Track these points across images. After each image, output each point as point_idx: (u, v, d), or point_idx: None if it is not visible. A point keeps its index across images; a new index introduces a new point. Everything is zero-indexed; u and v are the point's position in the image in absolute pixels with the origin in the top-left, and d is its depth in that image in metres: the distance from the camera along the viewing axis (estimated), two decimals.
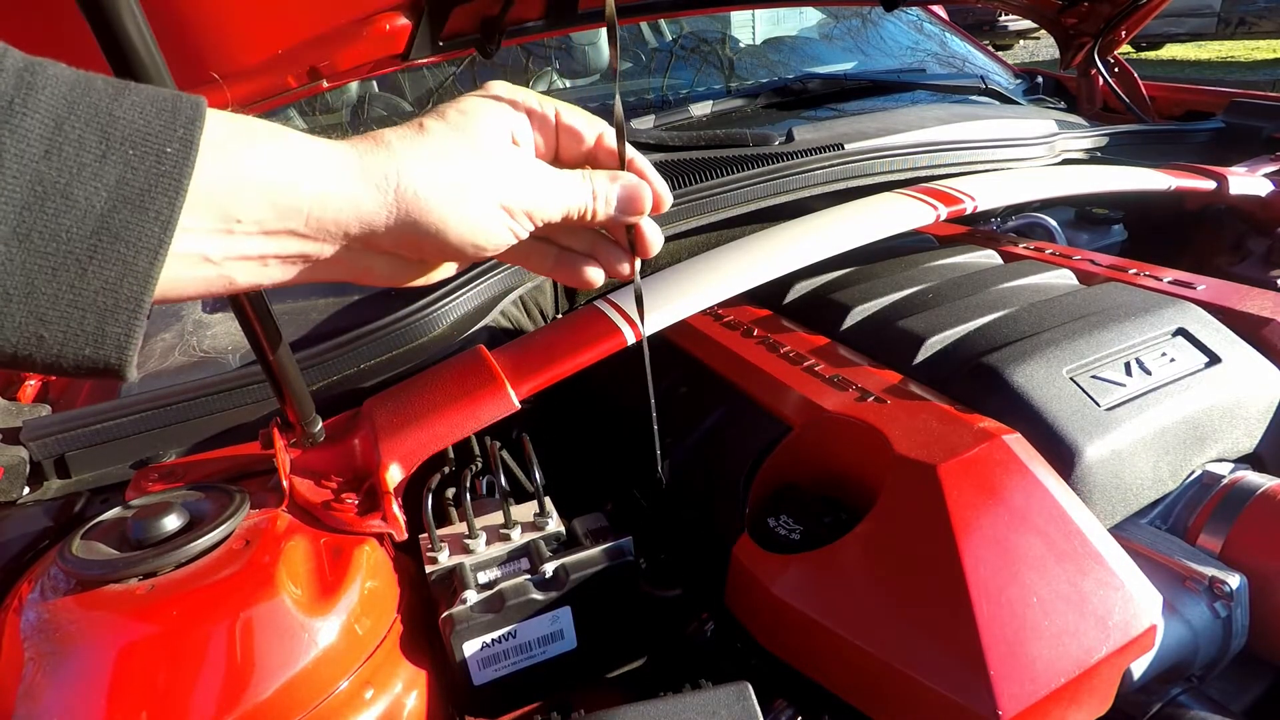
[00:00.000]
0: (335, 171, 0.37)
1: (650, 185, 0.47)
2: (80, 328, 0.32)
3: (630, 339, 0.71)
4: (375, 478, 0.61)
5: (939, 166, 1.08)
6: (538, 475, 0.64)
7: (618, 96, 0.47)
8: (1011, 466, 0.55)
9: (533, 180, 0.42)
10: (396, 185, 0.38)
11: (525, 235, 0.43)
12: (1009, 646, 0.47)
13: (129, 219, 0.31)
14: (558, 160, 0.47)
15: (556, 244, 0.49)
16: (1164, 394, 0.64)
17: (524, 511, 0.63)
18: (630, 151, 0.47)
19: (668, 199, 0.48)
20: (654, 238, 0.49)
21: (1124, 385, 0.65)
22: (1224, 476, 0.63)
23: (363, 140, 0.39)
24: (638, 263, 0.50)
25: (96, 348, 0.32)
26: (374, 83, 1.59)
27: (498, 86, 0.45)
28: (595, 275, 0.50)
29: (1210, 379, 0.66)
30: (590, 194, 0.45)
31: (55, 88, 0.31)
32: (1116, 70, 1.61)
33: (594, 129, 0.46)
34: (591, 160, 0.47)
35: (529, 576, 0.56)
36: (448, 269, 0.45)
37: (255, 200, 0.35)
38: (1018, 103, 1.57)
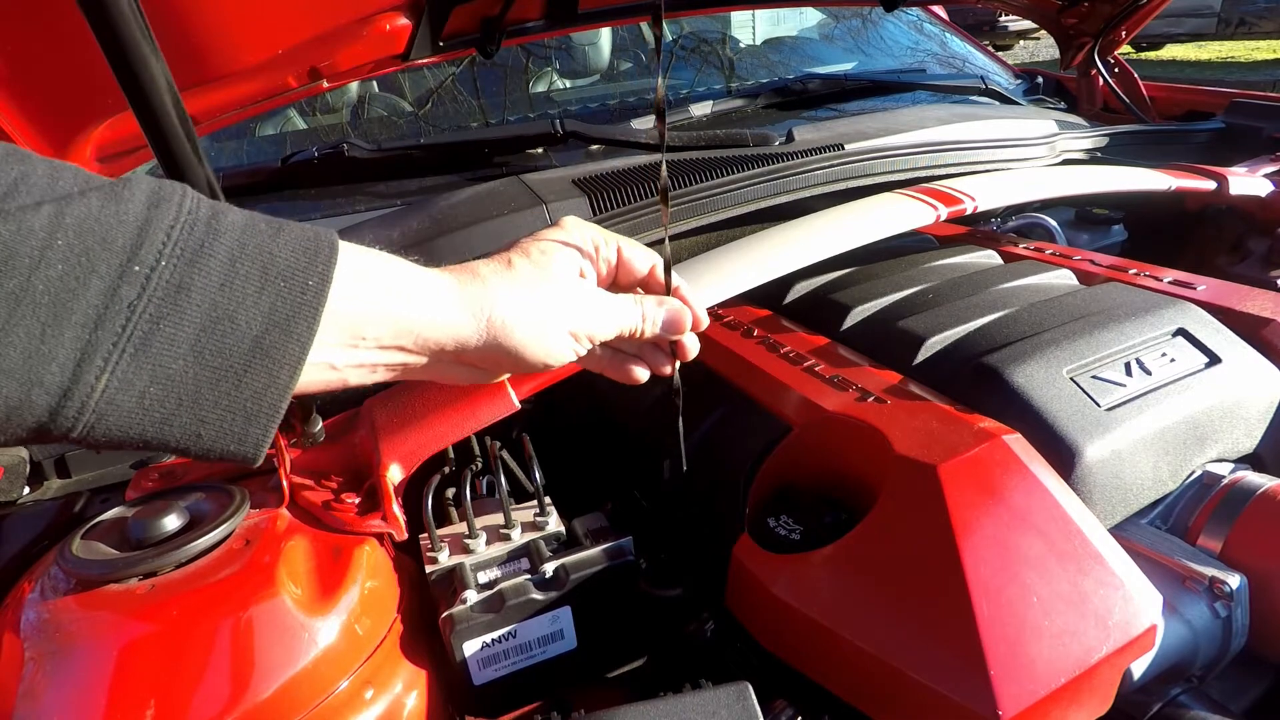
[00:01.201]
0: (441, 301, 0.45)
1: (690, 310, 0.55)
2: (230, 428, 0.38)
3: None
4: (375, 478, 0.61)
5: (939, 167, 1.08)
6: (538, 475, 0.64)
7: (667, 244, 0.55)
8: (1011, 466, 0.55)
9: (595, 310, 0.50)
10: (489, 316, 0.46)
11: (585, 353, 0.51)
12: (1009, 646, 0.47)
13: (277, 339, 0.38)
14: (615, 285, 0.55)
15: (610, 347, 0.56)
16: (1164, 394, 0.64)
17: (524, 512, 0.63)
18: (676, 279, 0.55)
19: (705, 321, 0.56)
20: (692, 347, 0.57)
21: (1124, 385, 0.65)
22: (1224, 476, 0.63)
23: (461, 271, 0.47)
24: (678, 365, 0.58)
25: (239, 444, 0.39)
26: (374, 83, 1.59)
27: (571, 225, 0.52)
28: (641, 374, 0.57)
29: (1210, 379, 0.66)
30: (640, 317, 0.53)
31: (232, 233, 0.38)
32: (1116, 70, 1.61)
33: (647, 261, 0.55)
34: (645, 286, 0.56)
35: (529, 576, 0.56)
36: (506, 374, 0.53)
37: (376, 322, 0.42)
38: (1018, 103, 1.57)
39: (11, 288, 0.32)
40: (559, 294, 0.49)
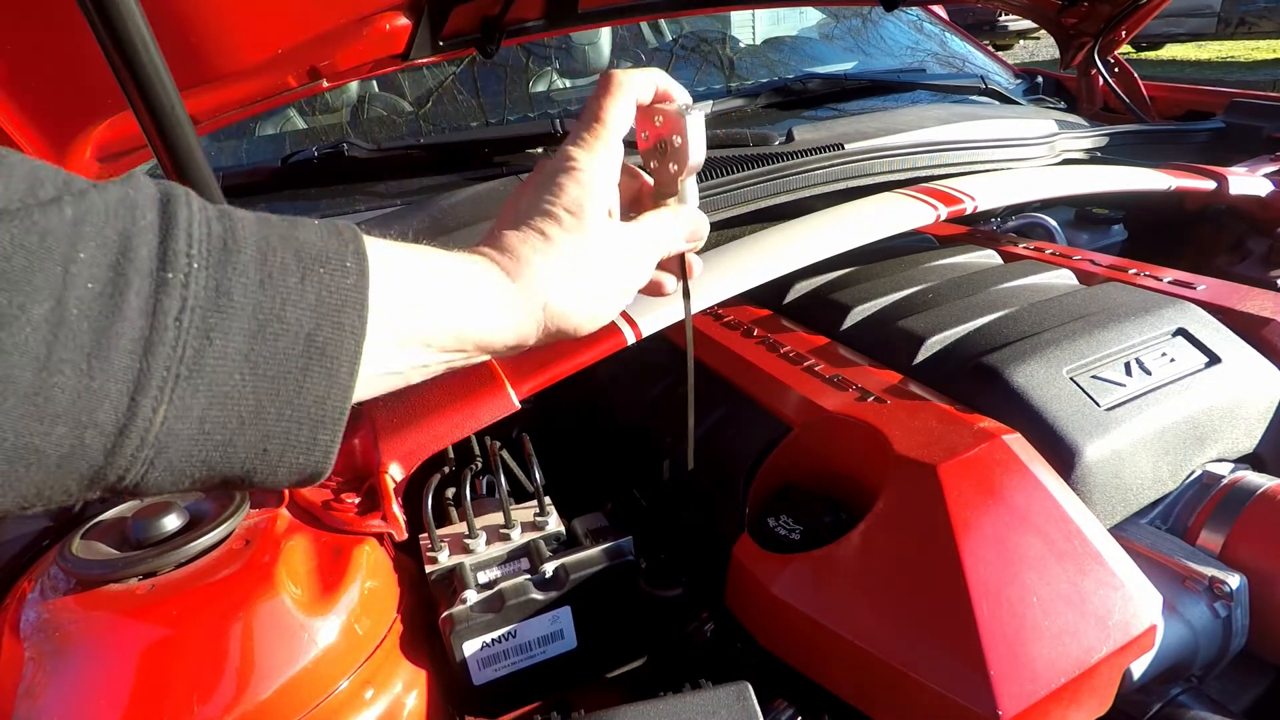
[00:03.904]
0: (495, 302, 0.42)
1: (703, 217, 0.53)
2: (297, 439, 0.35)
3: (630, 338, 0.71)
4: (375, 478, 0.61)
5: (939, 166, 1.08)
6: (538, 475, 0.64)
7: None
8: (1011, 466, 0.55)
9: (634, 263, 0.48)
10: (544, 306, 0.44)
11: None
12: (1009, 646, 0.47)
13: (330, 335, 0.34)
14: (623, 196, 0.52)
15: None
16: (1164, 394, 0.64)
17: (524, 511, 0.63)
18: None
19: (705, 229, 0.55)
20: (698, 264, 0.57)
21: (1124, 385, 0.65)
22: (1224, 476, 0.63)
23: (500, 253, 0.44)
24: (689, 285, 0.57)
25: (309, 455, 0.35)
26: (374, 82, 1.59)
27: (579, 157, 0.47)
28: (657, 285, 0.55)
29: (1210, 379, 0.66)
30: (670, 239, 0.51)
31: (249, 226, 0.34)
32: (1116, 70, 1.61)
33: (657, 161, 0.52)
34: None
35: (529, 576, 0.56)
36: None
37: (429, 324, 0.39)
38: (1018, 103, 1.57)
39: (44, 312, 0.28)
40: (605, 263, 0.46)
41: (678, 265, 0.54)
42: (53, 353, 0.28)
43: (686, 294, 0.56)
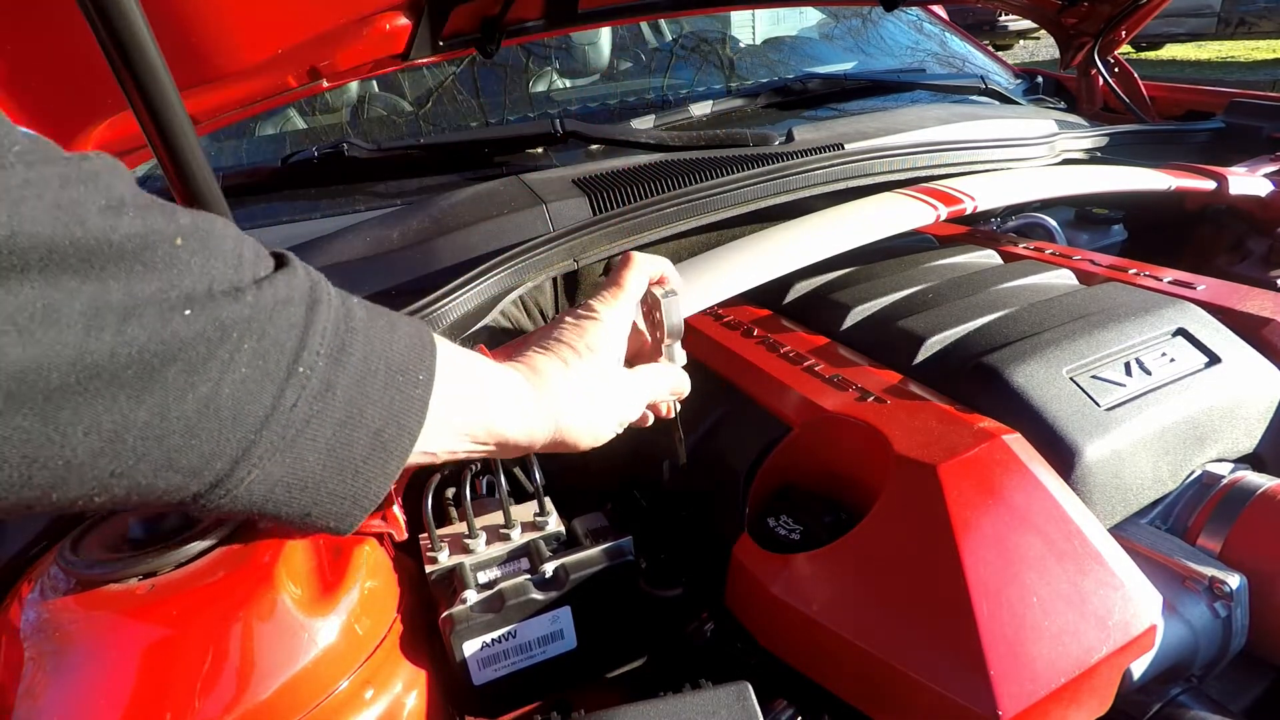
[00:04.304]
0: (520, 407, 0.49)
1: (685, 376, 0.62)
2: (336, 510, 0.40)
3: None
4: None
5: (939, 166, 1.08)
6: (538, 475, 0.64)
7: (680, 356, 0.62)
8: (1011, 466, 0.55)
9: (631, 400, 0.57)
10: (557, 420, 0.51)
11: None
12: (1009, 646, 0.47)
13: (394, 434, 0.40)
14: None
15: None
16: (1164, 394, 0.64)
17: (524, 511, 0.63)
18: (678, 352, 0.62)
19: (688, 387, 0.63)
20: (675, 407, 0.64)
21: (1124, 385, 0.65)
22: (1224, 476, 0.63)
23: (530, 372, 0.51)
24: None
25: (338, 524, 0.41)
26: (374, 83, 1.59)
27: (602, 310, 0.57)
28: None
29: (1210, 379, 0.66)
30: (658, 389, 0.59)
31: (362, 329, 0.40)
32: (1116, 70, 1.61)
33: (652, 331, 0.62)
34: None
35: (529, 576, 0.56)
36: None
37: (468, 420, 0.46)
38: (1018, 103, 1.57)
39: (204, 393, 0.33)
40: (608, 395, 0.54)
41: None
42: (201, 422, 0.33)
43: (677, 429, 0.65)
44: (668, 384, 0.60)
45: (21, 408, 0.28)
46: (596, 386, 0.53)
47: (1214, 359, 0.68)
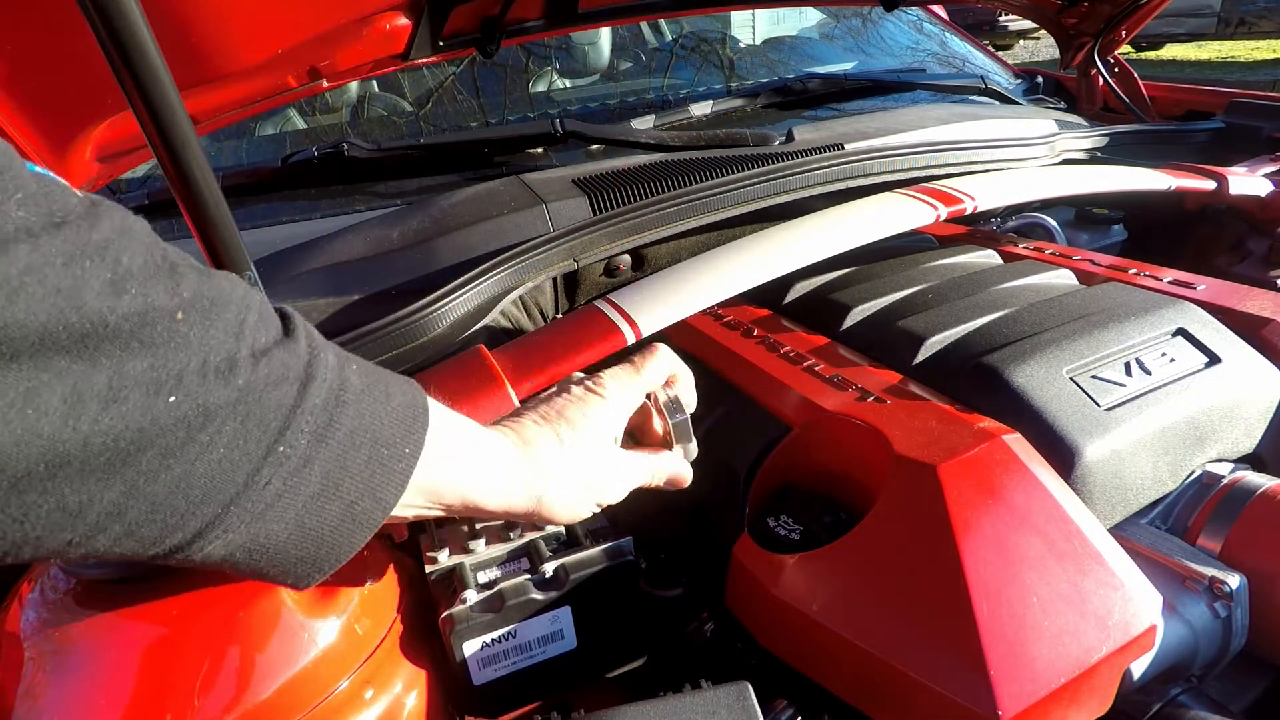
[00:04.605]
0: (500, 478, 0.48)
1: (689, 469, 0.61)
2: (294, 571, 0.40)
3: (630, 338, 0.71)
4: None
5: (939, 166, 1.08)
6: None
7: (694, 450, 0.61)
8: (1011, 466, 0.55)
9: (618, 481, 0.56)
10: (539, 495, 0.50)
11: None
12: (1009, 646, 0.47)
13: (367, 506, 0.40)
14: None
15: None
16: (1164, 394, 0.64)
17: None
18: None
19: (687, 480, 0.62)
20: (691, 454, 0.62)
21: (1124, 385, 0.65)
22: (1224, 476, 0.63)
23: (520, 441, 0.51)
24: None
25: (295, 583, 0.41)
26: (374, 83, 1.59)
27: (611, 388, 0.56)
28: None
29: (1210, 379, 0.66)
30: (649, 475, 0.58)
31: (354, 404, 0.39)
32: (1116, 70, 1.61)
33: (662, 424, 0.60)
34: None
35: (529, 576, 0.56)
36: None
37: (446, 490, 0.45)
38: (1018, 103, 1.57)
39: (178, 474, 0.32)
40: (594, 473, 0.53)
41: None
42: (168, 501, 0.32)
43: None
44: (665, 473, 0.59)
45: None
46: (585, 468, 0.53)
47: (1214, 359, 0.68)
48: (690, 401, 0.61)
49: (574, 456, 0.52)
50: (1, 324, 0.26)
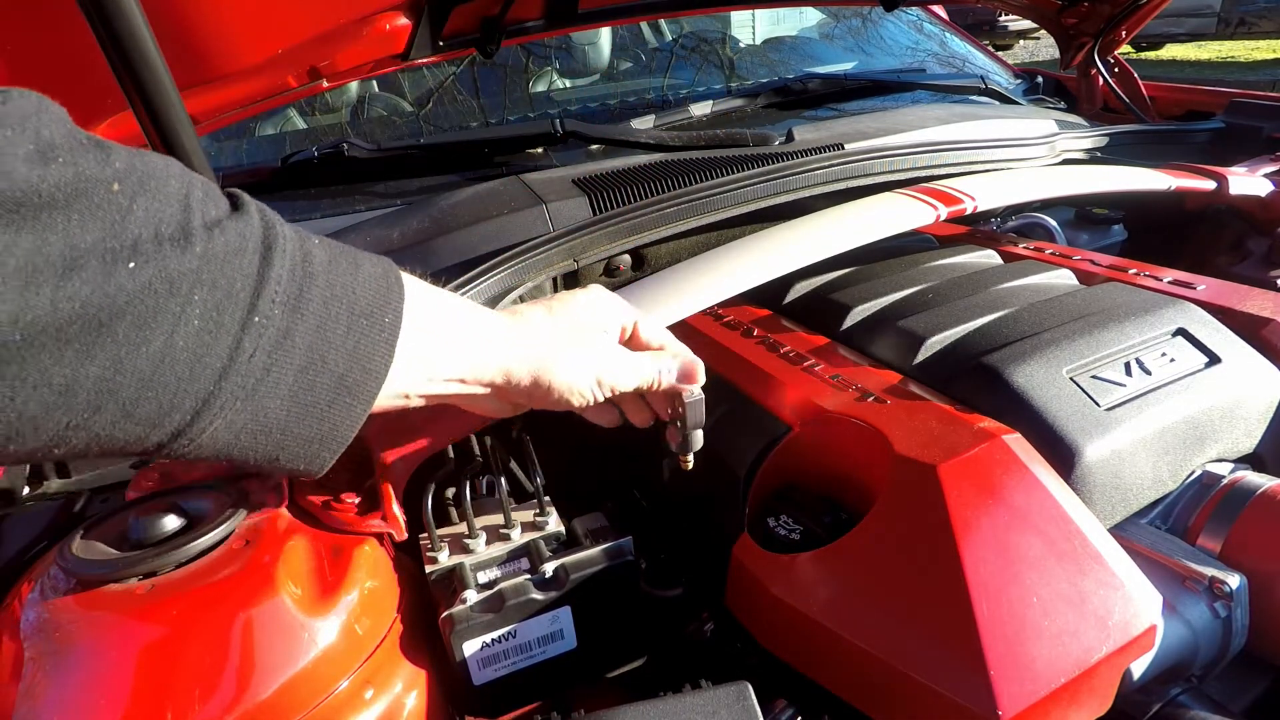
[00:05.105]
0: (495, 340, 0.49)
1: (700, 362, 0.59)
2: (304, 452, 0.41)
3: None
4: (375, 478, 0.61)
5: (939, 166, 1.08)
6: (538, 475, 0.64)
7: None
8: (1011, 466, 0.55)
9: (620, 363, 0.55)
10: (534, 355, 0.50)
11: (603, 399, 0.55)
12: (1009, 646, 0.47)
13: (359, 377, 0.40)
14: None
15: (623, 412, 0.61)
16: (1164, 394, 0.64)
17: (524, 511, 0.63)
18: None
19: (702, 375, 0.59)
20: (698, 443, 0.61)
21: (1124, 385, 0.65)
22: (1224, 476, 0.63)
23: (512, 315, 0.51)
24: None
25: (309, 465, 0.42)
26: (374, 83, 1.59)
27: (596, 292, 0.57)
28: (610, 417, 0.61)
29: (1210, 379, 0.66)
30: (657, 370, 0.56)
31: (323, 274, 0.39)
32: (1116, 70, 1.61)
33: (659, 337, 0.59)
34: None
35: (529, 576, 0.56)
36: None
37: (441, 357, 0.46)
38: (1018, 103, 1.57)
39: (158, 347, 0.33)
40: (591, 344, 0.53)
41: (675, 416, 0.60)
42: (156, 376, 0.33)
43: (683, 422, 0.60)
44: (675, 366, 0.57)
45: None
46: (582, 339, 0.53)
47: (1214, 359, 0.68)
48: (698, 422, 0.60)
49: (566, 325, 0.52)
50: None
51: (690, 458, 0.61)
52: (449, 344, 0.46)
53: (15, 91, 0.32)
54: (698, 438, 0.60)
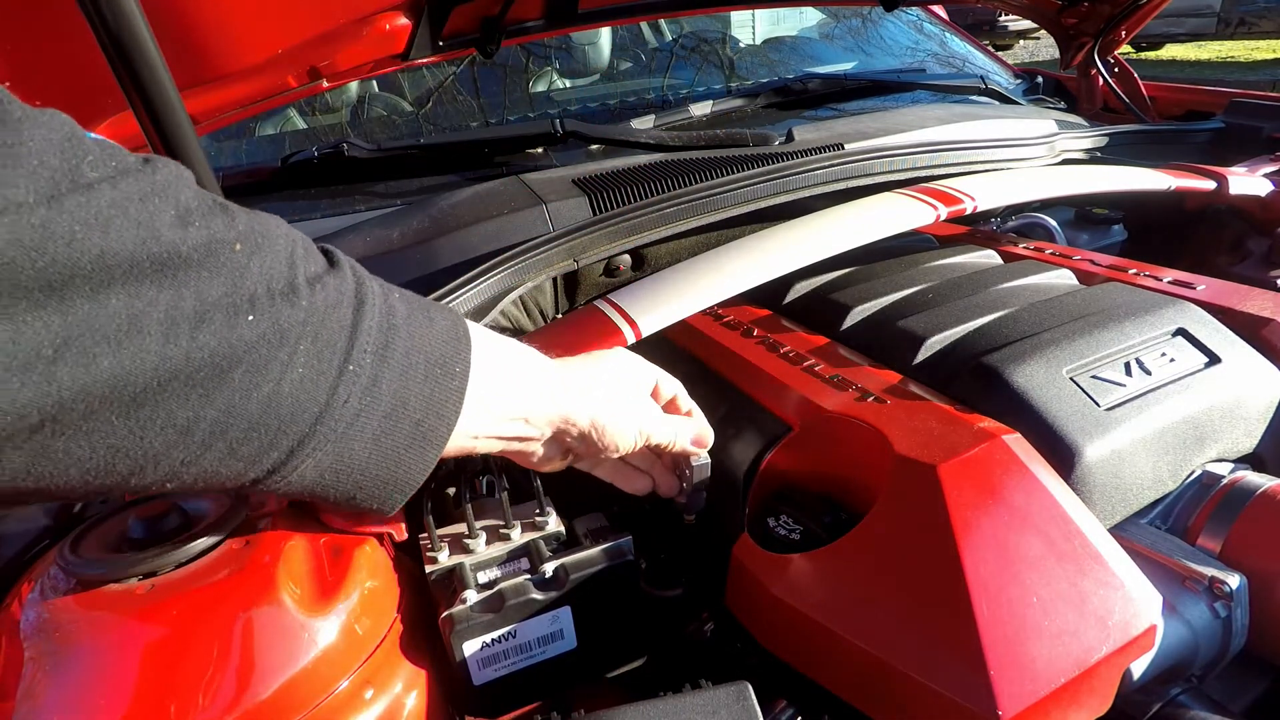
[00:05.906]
0: (554, 386, 0.52)
1: (709, 430, 0.64)
2: (377, 494, 0.44)
3: (630, 338, 0.71)
4: None
5: (939, 166, 1.08)
6: (538, 475, 0.64)
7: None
8: (1011, 466, 0.55)
9: (656, 418, 0.59)
10: (591, 401, 0.53)
11: (639, 449, 0.58)
12: (1009, 646, 0.47)
13: (433, 424, 0.44)
14: None
15: (625, 459, 0.65)
16: (1164, 394, 0.64)
17: (524, 511, 0.63)
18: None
19: (710, 440, 0.64)
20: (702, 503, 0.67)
21: (1124, 385, 0.65)
22: (1224, 476, 0.63)
23: (561, 365, 0.55)
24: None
25: (380, 505, 0.45)
26: (374, 83, 1.59)
27: (631, 354, 0.62)
28: (643, 484, 0.66)
29: (1210, 379, 0.66)
30: (675, 434, 0.61)
31: (404, 326, 0.43)
32: (1116, 70, 1.61)
33: (672, 388, 0.63)
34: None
35: (529, 576, 0.56)
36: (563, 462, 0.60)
37: (506, 399, 0.49)
38: (1018, 103, 1.57)
39: (267, 391, 0.36)
40: (636, 399, 0.58)
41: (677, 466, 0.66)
42: (262, 417, 0.36)
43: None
44: (690, 432, 0.61)
45: (110, 409, 0.32)
46: (628, 390, 0.57)
47: (1214, 359, 0.68)
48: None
49: (614, 381, 0.56)
50: (99, 252, 0.30)
51: (694, 516, 0.66)
52: (512, 389, 0.49)
53: (160, 161, 0.36)
54: (702, 499, 0.64)
